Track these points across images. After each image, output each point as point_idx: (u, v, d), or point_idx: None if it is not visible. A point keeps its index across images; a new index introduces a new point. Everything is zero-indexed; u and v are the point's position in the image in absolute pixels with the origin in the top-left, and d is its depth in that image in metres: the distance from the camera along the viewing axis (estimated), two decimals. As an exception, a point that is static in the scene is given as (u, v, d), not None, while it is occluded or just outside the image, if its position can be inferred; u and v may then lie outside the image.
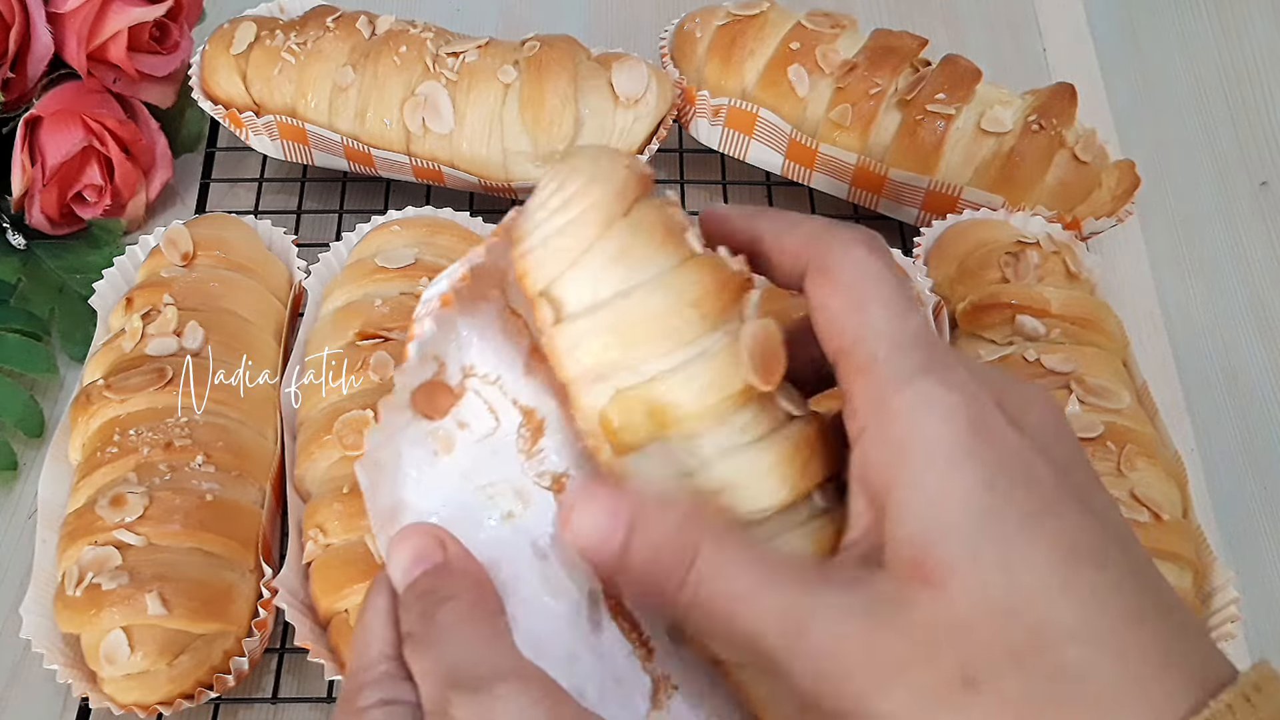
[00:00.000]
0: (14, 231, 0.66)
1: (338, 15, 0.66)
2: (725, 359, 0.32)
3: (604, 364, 0.32)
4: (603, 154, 0.34)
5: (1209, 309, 0.68)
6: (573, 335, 0.32)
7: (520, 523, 0.36)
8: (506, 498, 0.36)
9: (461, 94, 0.63)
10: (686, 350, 0.32)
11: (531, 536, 0.36)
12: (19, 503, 0.60)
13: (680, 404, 0.32)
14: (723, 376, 0.32)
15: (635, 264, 0.32)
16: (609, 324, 0.32)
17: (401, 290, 0.57)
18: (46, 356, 0.63)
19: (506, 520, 0.36)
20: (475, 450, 0.36)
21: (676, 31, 0.70)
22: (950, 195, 0.64)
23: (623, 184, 0.33)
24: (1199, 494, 0.59)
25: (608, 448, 0.33)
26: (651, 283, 0.32)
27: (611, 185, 0.32)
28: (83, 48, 0.65)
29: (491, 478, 0.36)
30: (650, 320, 0.32)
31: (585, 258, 0.32)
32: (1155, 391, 0.56)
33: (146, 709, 0.49)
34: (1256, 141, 0.75)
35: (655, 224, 0.33)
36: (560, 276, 0.32)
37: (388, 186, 0.71)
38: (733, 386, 0.32)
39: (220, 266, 0.60)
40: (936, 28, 0.79)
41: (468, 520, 0.35)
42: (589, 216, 0.32)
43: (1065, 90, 0.65)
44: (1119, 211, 0.64)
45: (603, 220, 0.32)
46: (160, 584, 0.48)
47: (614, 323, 0.32)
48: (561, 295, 0.32)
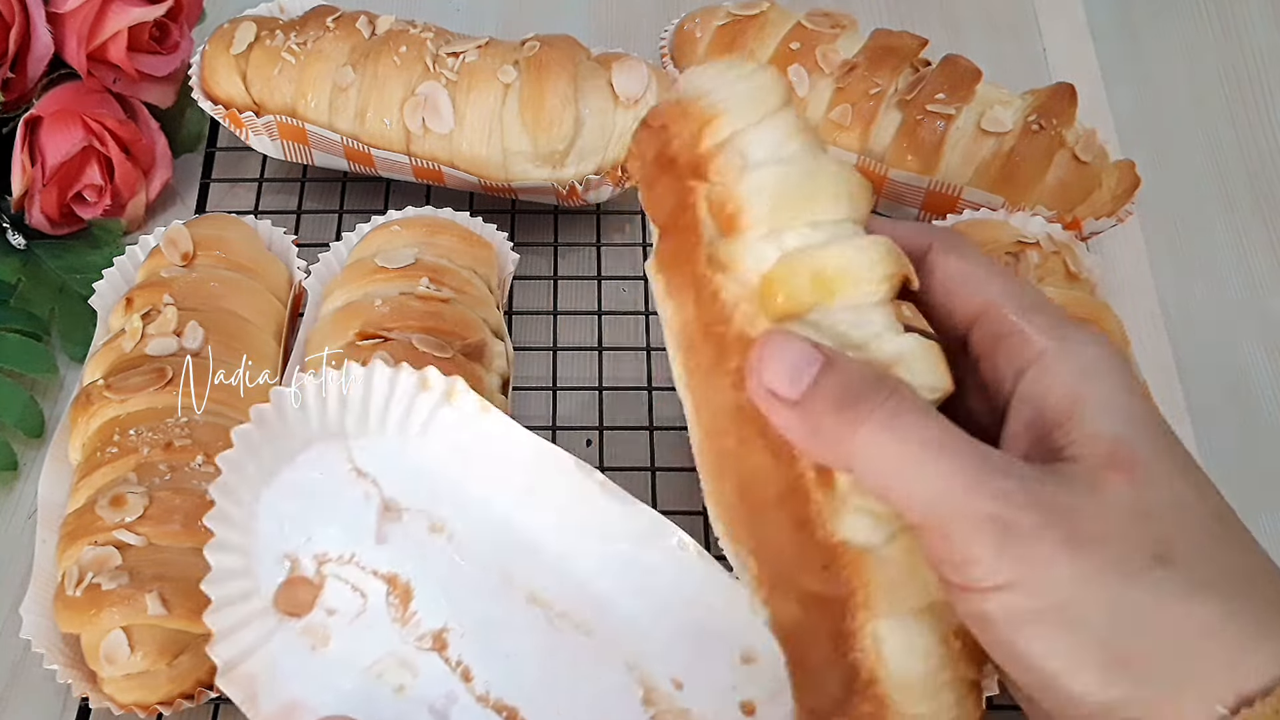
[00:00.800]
0: (14, 231, 0.66)
1: (338, 15, 0.66)
2: (884, 247, 0.34)
3: (781, 214, 0.34)
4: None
5: (1209, 309, 0.68)
6: (756, 181, 0.34)
7: (413, 693, 0.38)
8: (394, 672, 0.38)
9: (461, 94, 0.63)
10: (855, 225, 0.34)
11: (428, 701, 0.38)
12: (19, 503, 0.60)
13: (851, 271, 0.33)
14: (886, 259, 0.34)
15: (814, 139, 0.35)
16: (794, 176, 0.34)
17: (401, 290, 0.57)
18: (46, 356, 0.63)
19: (399, 694, 0.37)
20: (350, 633, 0.38)
21: (676, 31, 0.70)
22: (950, 195, 0.64)
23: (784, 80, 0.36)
24: (1199, 494, 0.59)
25: (763, 319, 0.34)
26: (828, 157, 0.35)
27: (781, 76, 0.36)
28: (83, 48, 0.65)
29: (375, 655, 0.38)
30: (831, 182, 0.34)
31: (774, 117, 0.34)
32: (1155, 391, 0.56)
33: (146, 709, 0.49)
34: (1256, 141, 0.75)
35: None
36: (749, 127, 0.34)
37: (388, 186, 0.71)
38: (897, 269, 0.34)
39: (220, 266, 0.60)
40: (936, 28, 0.79)
41: (366, 705, 0.37)
42: (775, 87, 0.35)
43: (1065, 90, 0.65)
44: (1119, 211, 0.64)
45: (784, 95, 0.35)
46: (160, 584, 0.48)
47: (798, 177, 0.34)
48: (748, 145, 0.34)
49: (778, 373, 0.32)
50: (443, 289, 0.57)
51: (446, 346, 0.55)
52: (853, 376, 0.32)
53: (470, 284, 0.59)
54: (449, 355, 0.54)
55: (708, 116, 0.34)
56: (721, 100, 0.34)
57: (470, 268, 0.60)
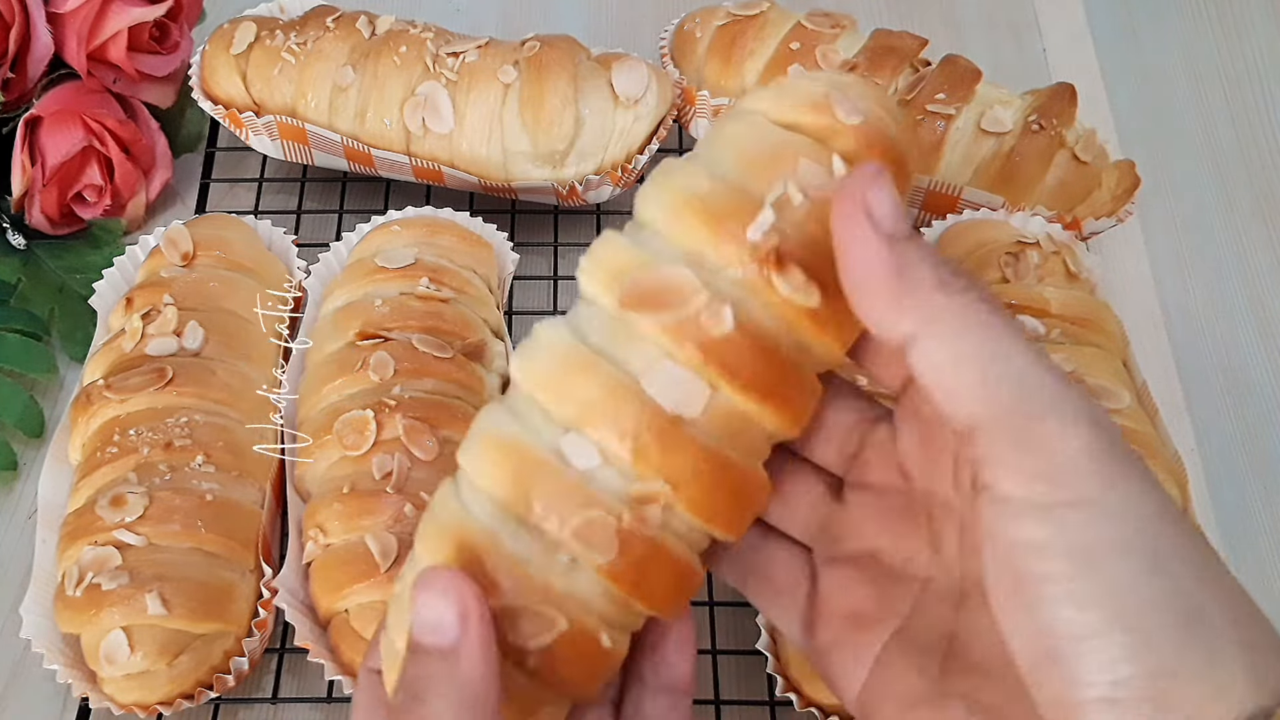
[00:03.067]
0: (14, 231, 0.66)
1: (338, 15, 0.66)
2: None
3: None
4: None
5: (1209, 309, 0.68)
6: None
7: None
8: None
9: (461, 94, 0.63)
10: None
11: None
12: (19, 503, 0.60)
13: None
14: None
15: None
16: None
17: (401, 290, 0.57)
18: (46, 356, 0.63)
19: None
20: None
21: (676, 31, 0.70)
22: (950, 195, 0.64)
23: None
24: (1199, 494, 0.59)
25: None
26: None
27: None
28: (83, 48, 0.65)
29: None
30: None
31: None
32: (1155, 391, 0.56)
33: (146, 709, 0.49)
34: (1256, 141, 0.75)
35: None
36: None
37: (388, 186, 0.71)
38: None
39: (220, 266, 0.60)
40: (936, 28, 0.79)
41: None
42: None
43: (1065, 90, 0.65)
44: (1119, 211, 0.64)
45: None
46: (160, 584, 0.48)
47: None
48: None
49: (883, 202, 0.30)
50: (443, 289, 0.57)
51: (446, 346, 0.55)
52: (938, 255, 0.30)
53: (470, 284, 0.59)
54: (449, 355, 0.55)
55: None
56: None
57: (470, 268, 0.60)
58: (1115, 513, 0.27)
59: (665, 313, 0.30)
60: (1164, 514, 0.28)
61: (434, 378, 0.54)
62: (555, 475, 0.31)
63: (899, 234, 0.30)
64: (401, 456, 0.51)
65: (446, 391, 0.54)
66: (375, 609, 0.49)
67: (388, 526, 0.49)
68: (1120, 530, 0.27)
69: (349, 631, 0.49)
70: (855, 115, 0.32)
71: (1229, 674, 0.27)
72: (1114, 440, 0.28)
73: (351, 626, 0.49)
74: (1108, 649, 0.27)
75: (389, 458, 0.51)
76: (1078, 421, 0.28)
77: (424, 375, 0.54)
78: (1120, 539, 0.27)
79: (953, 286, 0.29)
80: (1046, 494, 0.28)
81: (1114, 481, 0.28)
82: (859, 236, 0.30)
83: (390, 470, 0.51)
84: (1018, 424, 0.28)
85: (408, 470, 0.51)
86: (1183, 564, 0.27)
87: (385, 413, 0.52)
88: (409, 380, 0.53)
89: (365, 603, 0.49)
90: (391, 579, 0.48)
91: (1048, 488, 0.28)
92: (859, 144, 0.32)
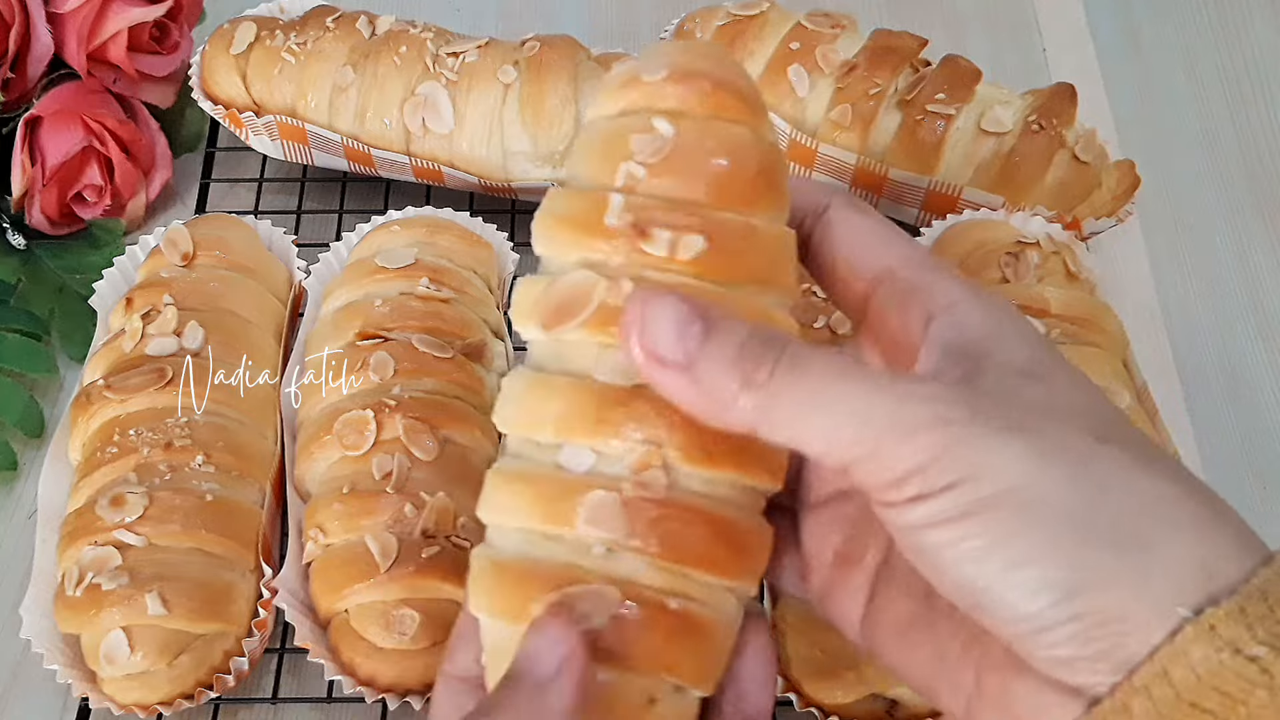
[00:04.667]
0: (14, 231, 0.66)
1: (338, 15, 0.66)
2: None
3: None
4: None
5: (1209, 309, 0.68)
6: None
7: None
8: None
9: (461, 94, 0.63)
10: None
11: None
12: (19, 503, 0.60)
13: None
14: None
15: None
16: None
17: (401, 290, 0.57)
18: (46, 356, 0.63)
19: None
20: None
21: (676, 31, 0.70)
22: (950, 195, 0.64)
23: None
24: (1199, 494, 0.59)
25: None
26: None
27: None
28: (83, 48, 0.65)
29: None
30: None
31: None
32: (1155, 391, 0.56)
33: (146, 709, 0.49)
34: (1256, 141, 0.75)
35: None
36: None
37: (388, 186, 0.71)
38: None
39: (220, 266, 0.60)
40: (936, 28, 0.79)
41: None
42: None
43: (1065, 90, 0.65)
44: (1119, 211, 0.64)
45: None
46: (160, 584, 0.48)
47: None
48: None
49: (666, 335, 0.30)
50: (443, 289, 0.57)
51: (446, 346, 0.55)
52: (741, 333, 0.30)
53: (470, 284, 0.59)
54: (449, 355, 0.55)
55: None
56: None
57: (470, 268, 0.60)
58: (984, 476, 0.28)
59: (580, 313, 0.32)
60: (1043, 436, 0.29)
61: (434, 378, 0.54)
62: (564, 485, 0.32)
63: (688, 351, 0.30)
64: (401, 456, 0.51)
65: (446, 391, 0.54)
66: (375, 609, 0.49)
67: (388, 526, 0.49)
68: (994, 487, 0.28)
69: (349, 631, 0.49)
70: (659, 70, 0.34)
71: (1159, 567, 0.27)
72: (967, 418, 0.29)
73: (351, 627, 0.49)
74: (1019, 587, 0.28)
75: (389, 458, 0.51)
76: (916, 431, 0.28)
77: (424, 375, 0.54)
78: (991, 495, 0.28)
79: (764, 364, 0.29)
80: (919, 488, 0.29)
81: (976, 452, 0.28)
82: (659, 382, 0.30)
83: (390, 470, 0.51)
84: (882, 450, 0.29)
85: (408, 470, 0.51)
86: (1078, 484, 0.28)
87: (385, 413, 0.52)
88: (409, 380, 0.53)
89: (365, 603, 0.49)
90: (391, 579, 0.48)
91: (919, 483, 0.29)
92: (674, 93, 0.34)
